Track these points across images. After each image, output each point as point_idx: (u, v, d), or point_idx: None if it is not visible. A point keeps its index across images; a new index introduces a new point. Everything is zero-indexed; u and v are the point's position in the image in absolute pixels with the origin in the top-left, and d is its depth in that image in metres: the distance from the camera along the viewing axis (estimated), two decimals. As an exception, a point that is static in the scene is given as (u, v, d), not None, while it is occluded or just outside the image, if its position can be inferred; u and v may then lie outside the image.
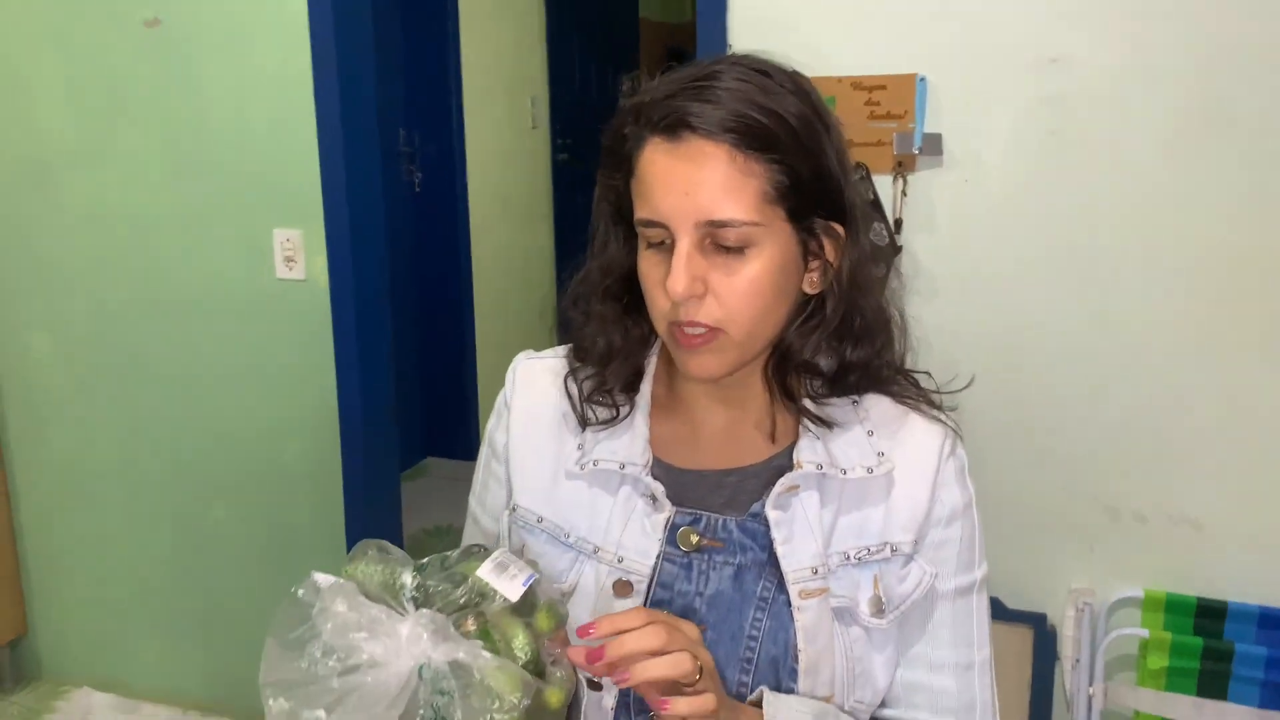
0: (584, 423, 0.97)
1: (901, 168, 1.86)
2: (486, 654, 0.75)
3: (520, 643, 0.78)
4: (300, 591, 0.78)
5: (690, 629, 0.80)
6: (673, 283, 0.84)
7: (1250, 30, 1.68)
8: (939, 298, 1.89)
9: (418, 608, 0.77)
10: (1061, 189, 1.82)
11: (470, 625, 0.77)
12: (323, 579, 0.78)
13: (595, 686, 0.92)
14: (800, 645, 0.89)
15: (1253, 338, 1.77)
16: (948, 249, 1.89)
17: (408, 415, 3.90)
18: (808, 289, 0.92)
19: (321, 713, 0.75)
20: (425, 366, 4.18)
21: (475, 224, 4.08)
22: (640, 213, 0.87)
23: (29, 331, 2.60)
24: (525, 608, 0.80)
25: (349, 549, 0.83)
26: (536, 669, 0.79)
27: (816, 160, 0.86)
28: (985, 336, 1.87)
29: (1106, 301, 1.83)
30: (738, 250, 0.85)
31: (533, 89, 4.45)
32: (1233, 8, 1.69)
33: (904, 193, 1.87)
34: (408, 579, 0.79)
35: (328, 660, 0.75)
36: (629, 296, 0.96)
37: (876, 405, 0.96)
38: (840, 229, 0.90)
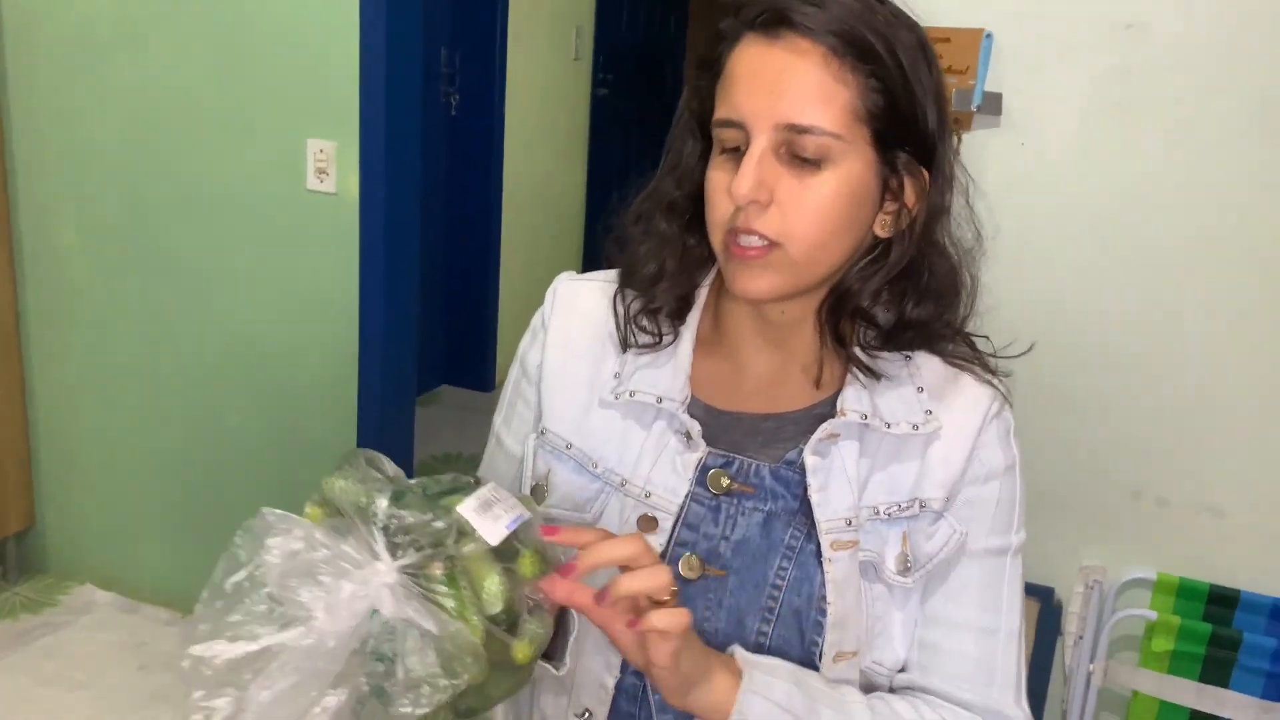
0: (625, 344, 0.94)
1: (957, 124, 1.81)
2: (433, 620, 0.68)
3: (492, 591, 0.72)
4: (252, 524, 0.72)
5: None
6: (738, 183, 0.80)
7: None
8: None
9: (389, 538, 0.71)
10: (1121, 163, 1.76)
11: (436, 569, 0.70)
12: (274, 515, 0.72)
13: None
14: (830, 598, 0.88)
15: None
16: (993, 213, 1.84)
17: (426, 341, 3.89)
18: (879, 231, 0.88)
19: (225, 702, 0.69)
20: (448, 294, 4.16)
21: (509, 152, 4.03)
22: (720, 112, 0.84)
23: (57, 220, 2.59)
24: (509, 551, 0.74)
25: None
26: (509, 619, 0.73)
27: (914, 96, 0.83)
28: (1021, 306, 1.83)
29: (1152, 284, 1.79)
30: (814, 163, 0.81)
31: (578, 19, 4.37)
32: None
33: (957, 151, 1.82)
34: (381, 504, 0.71)
35: (265, 608, 0.70)
36: (693, 213, 0.92)
37: (928, 363, 0.93)
38: (925, 174, 0.86)
